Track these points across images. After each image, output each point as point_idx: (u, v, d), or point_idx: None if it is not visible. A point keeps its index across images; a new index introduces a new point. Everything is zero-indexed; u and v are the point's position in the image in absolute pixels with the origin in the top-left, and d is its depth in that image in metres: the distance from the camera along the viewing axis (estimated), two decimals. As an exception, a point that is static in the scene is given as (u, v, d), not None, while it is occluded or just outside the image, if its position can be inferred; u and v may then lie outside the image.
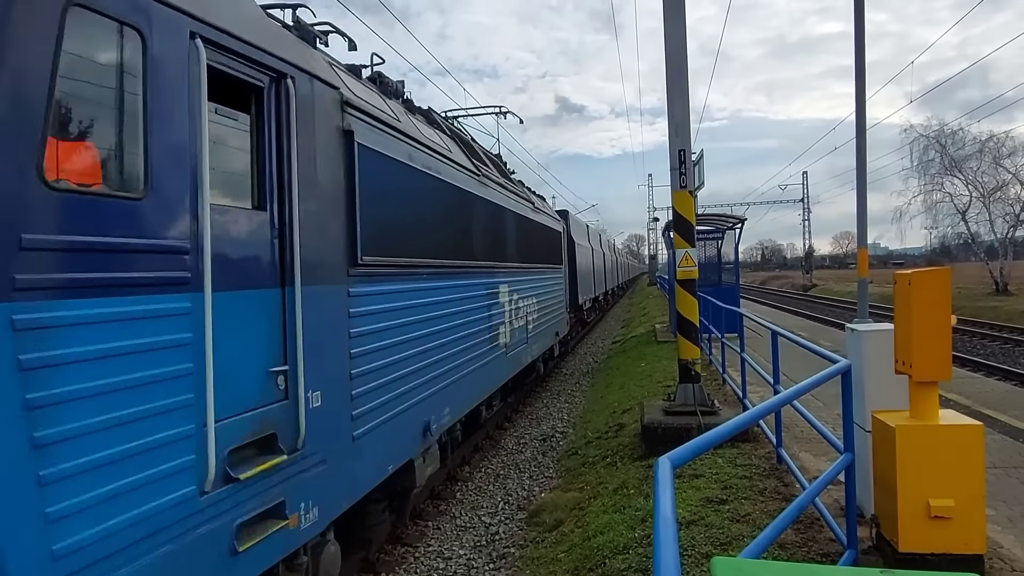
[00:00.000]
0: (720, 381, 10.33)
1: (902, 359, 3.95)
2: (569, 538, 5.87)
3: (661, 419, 7.45)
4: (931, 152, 36.29)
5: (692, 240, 7.91)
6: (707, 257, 18.77)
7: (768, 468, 5.96)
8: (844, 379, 3.98)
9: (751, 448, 6.62)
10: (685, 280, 7.84)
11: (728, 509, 5.09)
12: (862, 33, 10.77)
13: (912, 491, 3.70)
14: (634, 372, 13.41)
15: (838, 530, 4.08)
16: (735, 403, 8.53)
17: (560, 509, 6.87)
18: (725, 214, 19.77)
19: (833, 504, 4.91)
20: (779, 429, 5.88)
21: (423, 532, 6.93)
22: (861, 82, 10.66)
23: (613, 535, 5.27)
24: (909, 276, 3.87)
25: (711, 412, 7.37)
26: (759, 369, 7.43)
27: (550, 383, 15.68)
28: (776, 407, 3.41)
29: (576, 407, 12.79)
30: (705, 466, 6.15)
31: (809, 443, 6.74)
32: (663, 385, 10.65)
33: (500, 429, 11.12)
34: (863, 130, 10.77)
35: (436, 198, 6.64)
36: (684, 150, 7.71)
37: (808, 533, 4.58)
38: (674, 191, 7.81)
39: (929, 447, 3.71)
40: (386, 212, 5.27)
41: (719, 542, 4.52)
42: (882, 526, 3.97)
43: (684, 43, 7.68)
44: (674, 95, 7.68)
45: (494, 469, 9.09)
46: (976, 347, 20.18)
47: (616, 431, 9.06)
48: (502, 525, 7.09)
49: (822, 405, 7.95)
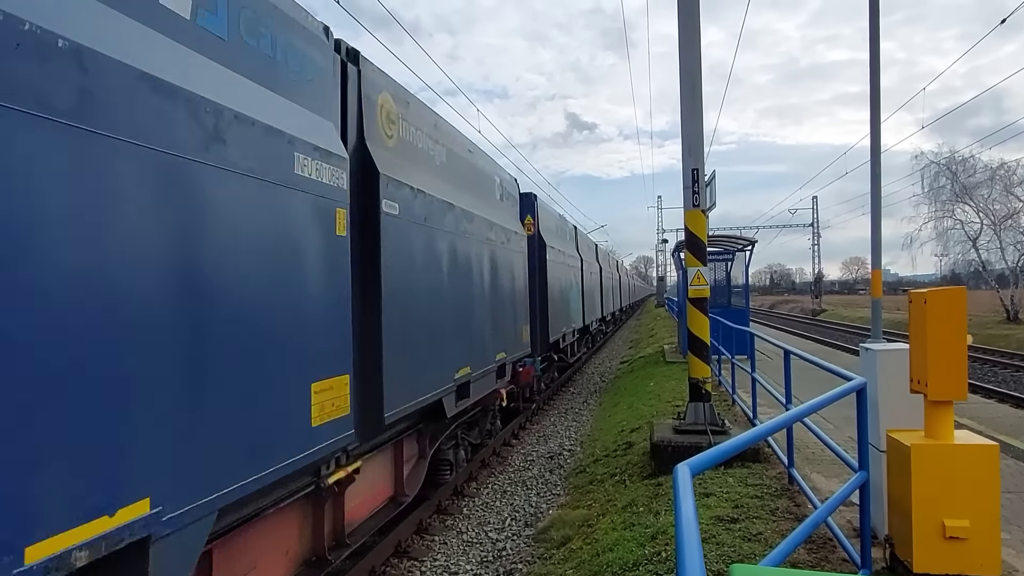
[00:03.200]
0: (730, 402, 10.28)
1: (917, 378, 3.94)
2: (577, 555, 5.83)
3: (671, 437, 7.42)
4: (942, 179, 36.33)
5: (704, 259, 7.93)
6: (716, 280, 18.74)
7: (779, 488, 5.92)
8: (859, 397, 3.98)
9: (762, 468, 6.58)
10: (697, 299, 7.85)
11: (739, 528, 5.05)
12: (877, 59, 10.85)
13: (927, 511, 3.67)
14: (642, 392, 13.36)
15: (852, 550, 4.05)
16: (745, 423, 8.48)
17: (568, 526, 6.82)
18: (735, 236, 19.77)
19: (846, 525, 4.88)
20: (791, 449, 5.85)
21: (429, 547, 6.90)
22: (876, 103, 10.71)
23: (623, 552, 5.23)
24: (925, 295, 3.87)
25: (721, 431, 7.34)
26: (770, 389, 7.40)
27: (557, 402, 15.62)
28: (788, 423, 3.40)
29: (584, 426, 12.73)
30: (716, 485, 6.12)
31: (821, 464, 6.70)
32: (672, 405, 10.61)
33: (507, 446, 11.07)
34: (877, 151, 10.81)
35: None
36: (697, 169, 7.75)
37: (821, 553, 4.54)
38: (686, 210, 7.85)
39: (944, 467, 3.69)
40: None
41: (730, 560, 4.48)
42: (896, 547, 3.94)
43: (699, 62, 7.75)
44: (687, 114, 7.74)
45: (501, 486, 9.04)
46: (988, 374, 20.06)
47: (625, 450, 9.02)
48: (509, 541, 7.05)
49: (833, 428, 7.92)
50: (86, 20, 2.61)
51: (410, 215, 5.76)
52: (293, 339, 3.87)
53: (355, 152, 5.06)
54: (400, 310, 5.45)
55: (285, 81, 4.05)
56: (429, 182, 6.40)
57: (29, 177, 2.31)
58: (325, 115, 4.49)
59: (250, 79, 3.67)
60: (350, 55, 5.08)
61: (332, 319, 4.32)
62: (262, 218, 3.62)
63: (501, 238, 9.08)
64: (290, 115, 4.00)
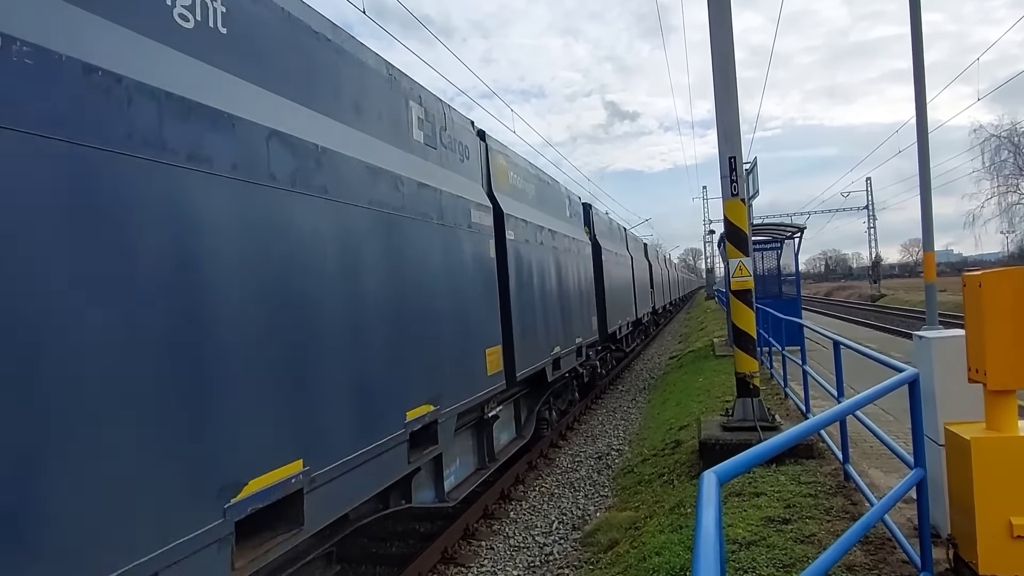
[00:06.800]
0: (782, 395, 9.94)
1: (975, 367, 3.68)
2: (624, 559, 5.68)
3: (719, 435, 7.20)
4: (1003, 152, 34.68)
5: (746, 249, 7.66)
6: (766, 269, 18.21)
7: (835, 486, 5.65)
8: (912, 389, 3.74)
9: (816, 465, 6.30)
10: (740, 291, 7.60)
11: (791, 529, 4.83)
12: (919, 31, 10.34)
13: (991, 509, 3.42)
14: (691, 388, 13.07)
15: (911, 551, 3.81)
16: (799, 418, 8.18)
17: (615, 529, 6.68)
18: (782, 224, 19.16)
19: (906, 524, 4.62)
20: (845, 444, 5.58)
21: (476, 552, 6.84)
22: (920, 80, 10.21)
23: (669, 556, 5.06)
24: (979, 278, 3.62)
25: (771, 427, 7.08)
26: (822, 382, 7.11)
27: (605, 400, 15.43)
28: (835, 418, 3.20)
29: (632, 424, 12.52)
30: (766, 484, 5.89)
31: (879, 459, 6.39)
32: (722, 401, 10.33)
33: (554, 447, 10.96)
34: (924, 127, 10.31)
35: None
36: (734, 157, 7.50)
37: (879, 555, 4.30)
38: (725, 200, 7.60)
39: (1008, 461, 3.43)
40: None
41: (781, 564, 4.28)
42: (960, 547, 3.69)
43: (731, 46, 7.50)
44: (722, 101, 7.50)
45: (548, 488, 8.94)
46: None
47: (673, 448, 8.81)
48: (556, 545, 6.94)
49: (893, 419, 7.55)
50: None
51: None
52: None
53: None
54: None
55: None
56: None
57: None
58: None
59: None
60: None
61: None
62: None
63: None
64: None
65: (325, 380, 3.87)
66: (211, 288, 3.03)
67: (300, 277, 3.67)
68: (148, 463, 2.60)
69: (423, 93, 5.69)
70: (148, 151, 2.69)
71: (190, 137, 2.92)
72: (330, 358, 3.92)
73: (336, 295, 4.02)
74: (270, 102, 3.61)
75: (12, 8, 2.26)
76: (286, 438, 3.46)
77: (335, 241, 4.04)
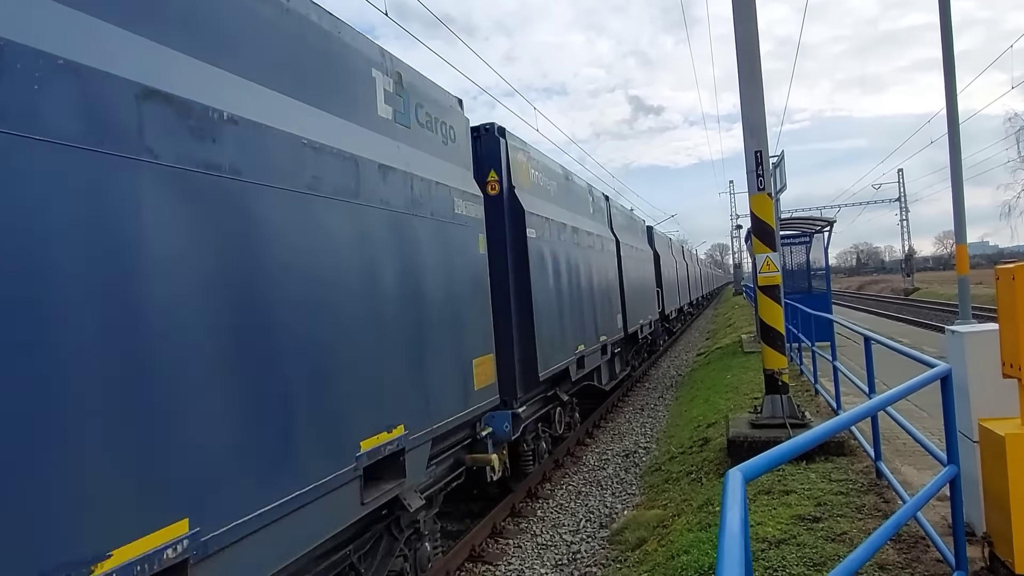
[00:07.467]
0: (812, 392, 9.80)
1: (1009, 361, 3.60)
2: (652, 557, 5.66)
3: (748, 432, 7.13)
4: (1040, 141, 33.62)
5: (773, 244, 7.57)
6: (795, 264, 17.95)
7: (867, 483, 5.57)
8: (944, 384, 3.67)
9: (847, 462, 6.21)
10: (768, 286, 7.51)
11: (822, 527, 4.77)
12: (948, 18, 10.12)
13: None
14: (719, 384, 12.95)
15: (945, 550, 3.74)
16: (829, 415, 8.06)
17: (643, 527, 6.65)
18: (811, 217, 18.86)
19: (940, 522, 4.53)
20: (877, 441, 5.49)
21: (503, 550, 6.87)
22: (950, 69, 9.99)
23: (698, 554, 5.03)
24: (1013, 270, 3.53)
25: (801, 424, 6.99)
26: (853, 378, 6.99)
27: (632, 397, 15.35)
28: (866, 415, 3.15)
29: (659, 422, 12.44)
30: (796, 482, 5.82)
31: (913, 456, 6.27)
32: (750, 398, 10.22)
33: (582, 445, 10.94)
34: (955, 116, 10.08)
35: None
36: (760, 151, 7.41)
37: (912, 553, 4.22)
38: (751, 194, 7.51)
39: (1046, 458, 3.35)
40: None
41: (812, 562, 4.23)
42: (996, 545, 3.61)
43: (756, 39, 7.42)
44: (747, 94, 7.42)
45: (575, 486, 8.93)
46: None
47: (701, 446, 8.74)
48: (584, 543, 6.93)
49: (927, 415, 7.41)
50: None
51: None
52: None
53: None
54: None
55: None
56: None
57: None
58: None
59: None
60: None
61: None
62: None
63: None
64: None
65: (222, 411, 2.96)
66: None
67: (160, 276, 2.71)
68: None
69: (395, 63, 4.92)
70: None
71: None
72: (224, 380, 2.98)
73: (230, 295, 3.06)
74: (141, 46, 2.72)
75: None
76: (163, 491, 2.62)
77: (238, 233, 3.13)
